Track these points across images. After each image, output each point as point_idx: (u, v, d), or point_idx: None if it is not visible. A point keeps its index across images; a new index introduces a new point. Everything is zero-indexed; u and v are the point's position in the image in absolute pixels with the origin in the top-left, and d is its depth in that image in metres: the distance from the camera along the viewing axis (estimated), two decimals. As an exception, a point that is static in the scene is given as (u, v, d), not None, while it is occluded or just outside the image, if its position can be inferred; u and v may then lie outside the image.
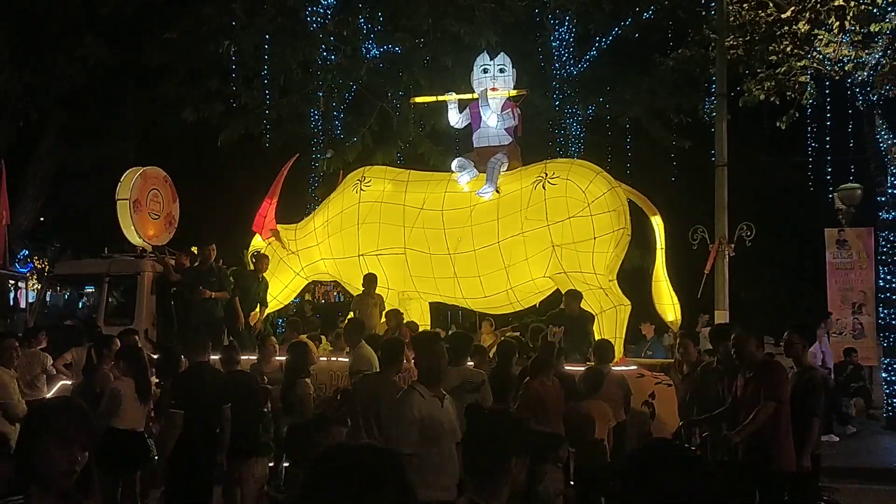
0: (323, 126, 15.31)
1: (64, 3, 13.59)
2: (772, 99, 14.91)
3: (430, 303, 11.25)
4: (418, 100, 11.79)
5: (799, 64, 13.84)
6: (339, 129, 14.06)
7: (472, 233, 10.21)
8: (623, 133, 15.99)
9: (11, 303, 14.62)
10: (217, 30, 12.38)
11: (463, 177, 10.57)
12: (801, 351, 6.46)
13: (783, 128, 15.60)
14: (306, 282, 11.74)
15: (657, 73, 14.62)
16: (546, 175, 10.19)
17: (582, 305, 9.62)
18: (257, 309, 11.03)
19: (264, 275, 11.00)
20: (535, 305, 11.48)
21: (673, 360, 9.06)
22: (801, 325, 7.16)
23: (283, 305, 12.05)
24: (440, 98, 11.24)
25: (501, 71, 10.91)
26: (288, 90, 15.11)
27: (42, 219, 19.12)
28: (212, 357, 8.06)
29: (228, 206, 18.40)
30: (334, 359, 9.31)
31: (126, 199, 11.65)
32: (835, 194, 15.96)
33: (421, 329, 10.93)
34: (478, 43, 12.02)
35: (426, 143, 14.32)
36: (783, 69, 13.92)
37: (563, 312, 9.71)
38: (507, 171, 10.58)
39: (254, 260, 11.34)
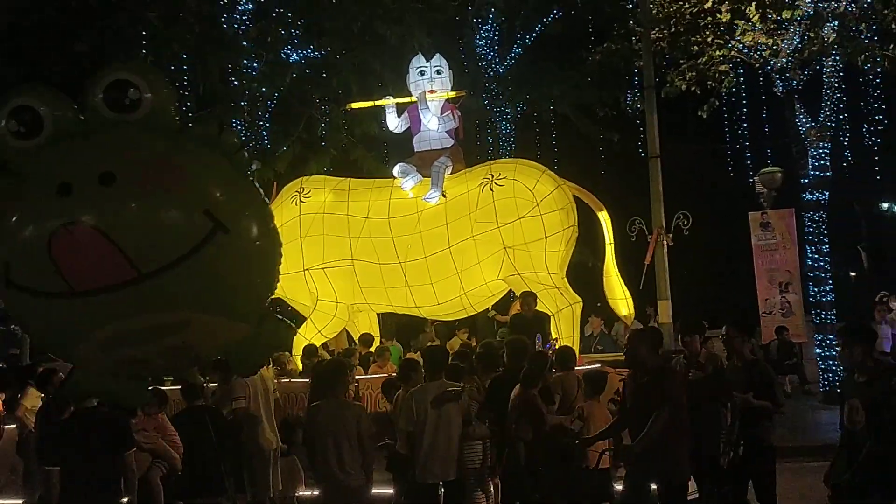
0: (247, 137, 14.71)
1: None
2: (692, 89, 15.24)
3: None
4: (355, 105, 11.43)
5: (718, 53, 14.18)
6: (267, 140, 13.51)
7: (422, 239, 9.96)
8: (551, 129, 16.03)
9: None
10: (132, 39, 11.66)
11: (407, 182, 10.30)
12: (741, 344, 6.55)
13: (704, 117, 16.00)
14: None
15: (583, 67, 14.69)
16: (492, 176, 10.04)
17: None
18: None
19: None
20: (487, 309, 11.34)
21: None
22: (738, 317, 7.33)
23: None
24: (377, 102, 10.93)
25: (438, 72, 10.70)
26: (208, 101, 14.45)
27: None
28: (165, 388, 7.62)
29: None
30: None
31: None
32: (756, 178, 16.48)
33: (370, 338, 10.67)
34: (409, 45, 11.77)
35: (359, 149, 13.95)
36: (704, 59, 14.22)
37: (519, 315, 9.60)
38: (451, 174, 10.38)
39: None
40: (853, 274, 30.35)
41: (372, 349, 10.35)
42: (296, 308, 10.83)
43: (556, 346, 8.65)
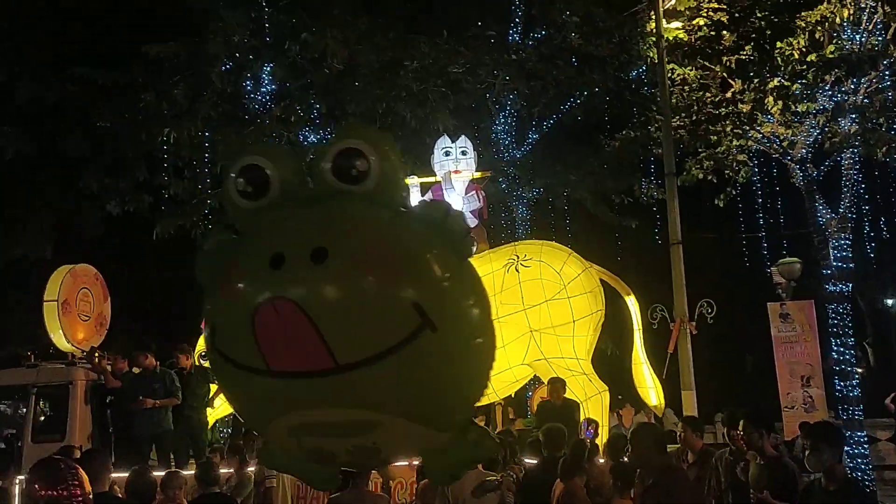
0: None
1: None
2: (709, 177, 15.25)
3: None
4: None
5: (736, 143, 14.23)
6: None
7: (444, 321, 9.62)
8: (568, 214, 15.94)
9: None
10: (154, 116, 11.68)
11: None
12: (760, 440, 6.16)
13: (721, 205, 15.96)
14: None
15: (601, 154, 14.72)
16: (518, 257, 9.81)
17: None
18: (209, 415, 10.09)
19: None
20: (511, 395, 10.92)
21: (674, 448, 8.59)
22: (752, 410, 6.94)
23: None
24: (401, 182, 10.80)
25: (463, 153, 10.65)
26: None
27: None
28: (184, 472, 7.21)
29: (162, 304, 17.29)
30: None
31: (54, 301, 10.56)
32: (773, 269, 16.28)
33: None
34: (428, 127, 11.80)
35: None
36: (722, 148, 14.26)
37: (546, 402, 9.19)
38: (475, 254, 10.15)
39: (203, 360, 10.41)
40: (860, 371, 29.82)
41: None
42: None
43: (596, 432, 8.20)
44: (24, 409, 10.19)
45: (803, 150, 13.60)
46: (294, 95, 12.50)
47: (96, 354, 10.07)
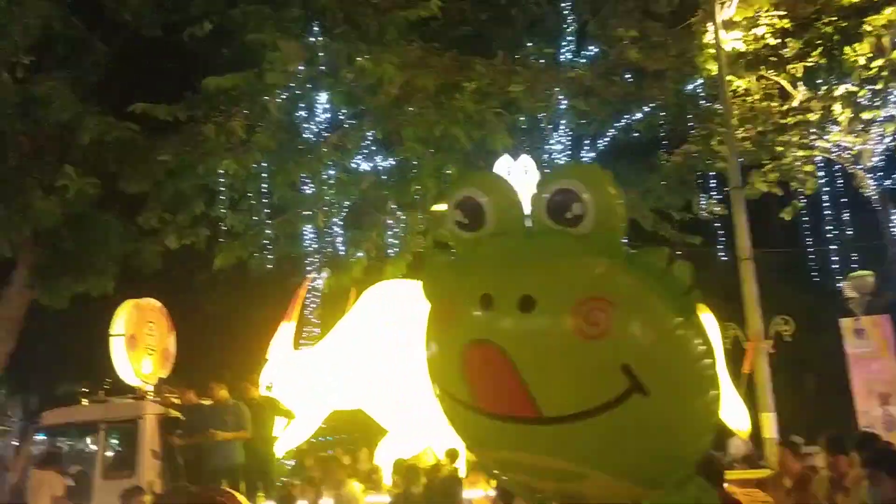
0: (318, 244, 14.61)
1: (39, 134, 12.84)
2: (773, 190, 14.81)
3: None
4: (437, 207, 11.21)
5: (801, 154, 13.80)
6: (342, 246, 13.32)
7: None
8: (626, 234, 15.58)
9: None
10: (213, 149, 11.76)
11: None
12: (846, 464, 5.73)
13: (787, 218, 15.47)
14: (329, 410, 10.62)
15: (662, 170, 14.39)
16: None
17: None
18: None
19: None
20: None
21: (769, 473, 8.17)
22: (834, 435, 6.55)
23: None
24: (461, 205, 10.62)
25: (525, 173, 10.42)
26: (280, 210, 14.46)
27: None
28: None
29: (224, 336, 17.33)
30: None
31: (121, 335, 10.58)
32: (845, 283, 15.67)
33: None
34: (483, 148, 11.69)
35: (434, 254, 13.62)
36: (788, 159, 13.83)
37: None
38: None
39: (269, 391, 10.30)
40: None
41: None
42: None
43: None
44: (94, 446, 10.18)
45: (874, 159, 13.13)
46: (349, 123, 12.48)
47: (164, 387, 10.04)
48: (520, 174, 10.36)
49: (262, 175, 12.70)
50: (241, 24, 11.69)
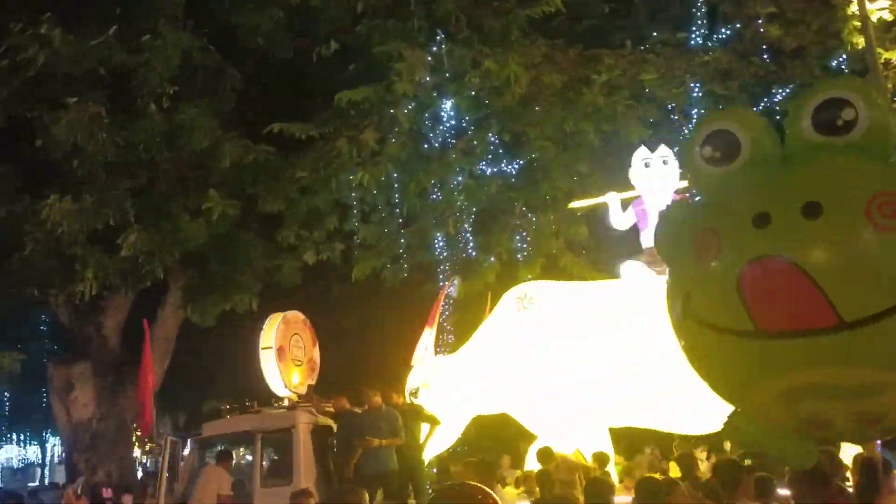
0: (448, 252, 14.65)
1: (182, 161, 13.53)
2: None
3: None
4: (575, 205, 11.00)
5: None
6: (473, 251, 13.29)
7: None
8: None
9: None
10: (345, 163, 12.03)
11: (639, 280, 9.49)
12: None
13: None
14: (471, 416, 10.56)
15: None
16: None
17: None
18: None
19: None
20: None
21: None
22: None
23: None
24: (599, 200, 10.38)
25: (665, 163, 10.05)
26: (410, 220, 14.62)
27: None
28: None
29: (360, 346, 17.75)
30: None
31: (270, 348, 10.93)
32: None
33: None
34: (623, 141, 11.34)
35: (567, 255, 13.37)
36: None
37: None
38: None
39: (413, 398, 10.36)
40: None
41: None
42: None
43: None
44: (250, 456, 10.53)
45: None
46: (476, 127, 12.45)
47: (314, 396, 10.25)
48: (658, 165, 9.99)
49: (394, 185, 12.84)
50: (366, 39, 11.89)
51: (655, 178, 9.91)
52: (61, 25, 10.79)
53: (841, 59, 13.43)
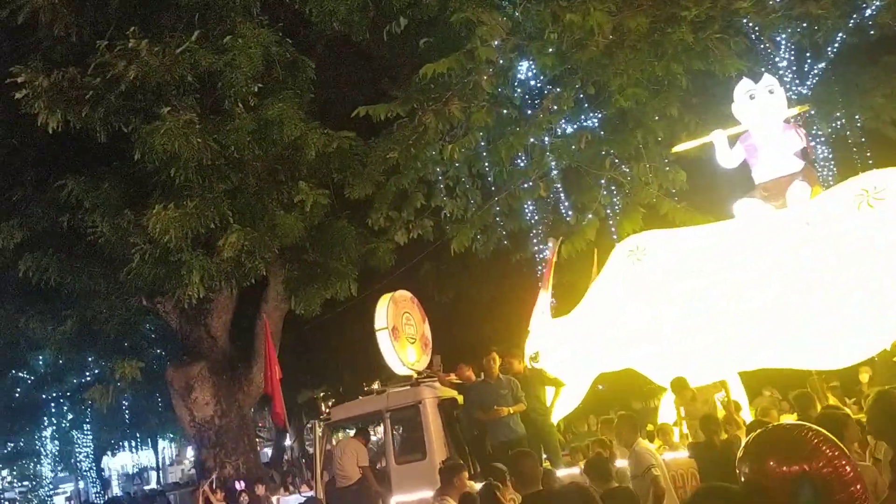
0: (539, 216, 14.49)
1: (271, 156, 13.69)
2: None
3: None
4: (679, 148, 10.66)
5: None
6: (569, 212, 13.07)
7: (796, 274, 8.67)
8: (868, 147, 14.00)
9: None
10: (432, 138, 11.95)
11: (759, 216, 9.14)
12: None
13: None
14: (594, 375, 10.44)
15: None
16: (867, 192, 8.58)
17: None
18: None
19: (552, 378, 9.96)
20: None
21: None
22: None
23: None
24: (704, 140, 10.02)
25: (770, 92, 9.61)
26: (497, 189, 14.47)
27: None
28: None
29: (457, 319, 17.85)
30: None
31: (385, 328, 11.03)
32: None
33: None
34: (722, 76, 10.91)
35: (666, 202, 13.01)
36: None
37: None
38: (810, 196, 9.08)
39: (533, 363, 10.32)
40: None
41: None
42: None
43: None
44: (381, 435, 10.69)
45: None
46: (560, 84, 12.18)
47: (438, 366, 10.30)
48: (764, 95, 9.56)
49: (482, 155, 12.71)
50: (438, 10, 11.72)
51: (762, 110, 9.48)
52: (146, 37, 11.00)
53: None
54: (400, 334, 11.28)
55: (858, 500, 2.36)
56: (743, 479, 2.45)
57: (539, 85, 12.84)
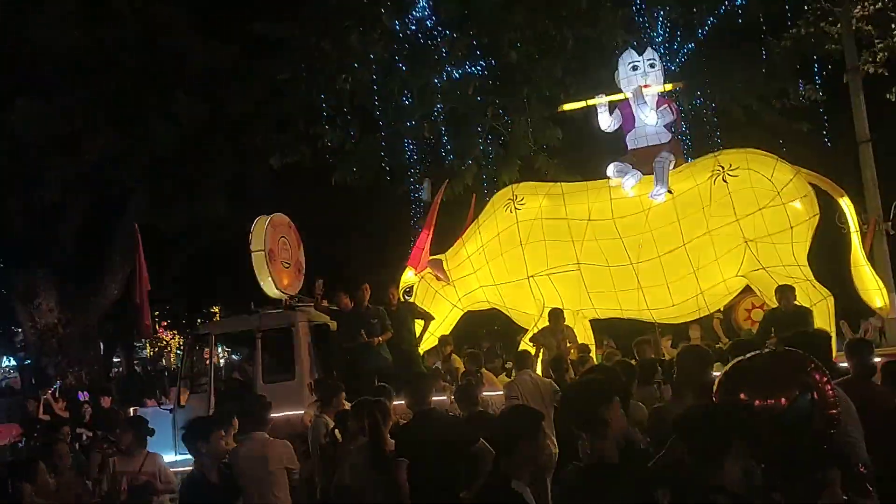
0: (418, 156, 14.81)
1: (154, 62, 13.07)
2: (881, 71, 14.36)
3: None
4: (566, 107, 11.27)
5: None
6: (450, 155, 13.49)
7: (654, 238, 9.60)
8: (731, 124, 15.33)
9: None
10: (325, 65, 11.91)
11: (628, 181, 9.98)
12: None
13: (893, 99, 15.05)
14: (462, 313, 11.04)
15: (771, 55, 14.04)
16: (723, 168, 9.59)
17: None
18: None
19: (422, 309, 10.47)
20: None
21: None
22: None
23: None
24: (590, 102, 10.70)
25: (652, 66, 10.40)
26: (381, 125, 14.59)
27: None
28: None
29: (334, 249, 17.95)
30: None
31: (261, 251, 11.02)
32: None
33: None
34: (607, 45, 11.56)
35: (541, 157, 13.72)
36: (903, 37, 13.36)
37: (776, 311, 8.99)
38: (673, 168, 9.99)
39: (406, 296, 10.77)
40: None
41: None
42: (518, 317, 10.64)
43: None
44: (250, 354, 10.82)
45: None
46: (458, 29, 12.42)
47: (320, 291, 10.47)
48: (646, 68, 10.31)
49: (372, 88, 12.79)
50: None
51: (642, 81, 10.24)
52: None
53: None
54: (276, 257, 11.32)
55: (836, 420, 3.01)
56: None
57: (436, 28, 13.00)
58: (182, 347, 21.27)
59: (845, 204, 9.79)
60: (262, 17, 12.44)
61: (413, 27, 12.47)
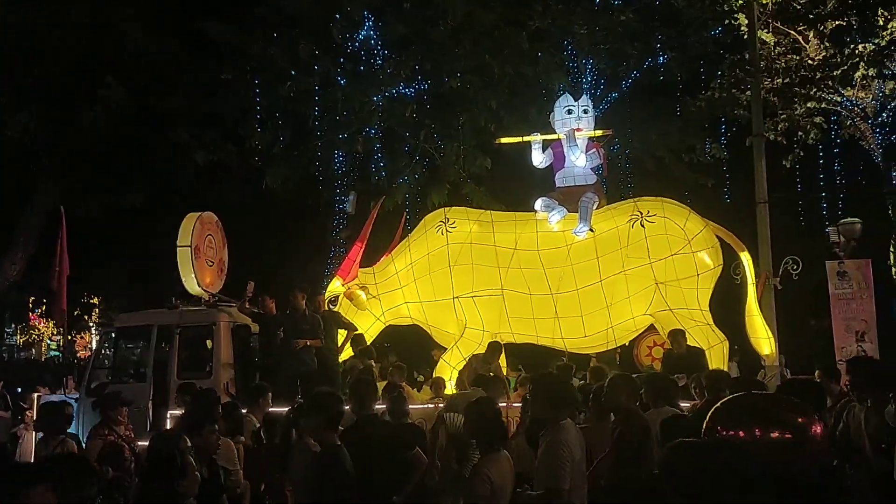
0: (347, 168, 15.07)
1: (91, 44, 12.82)
2: (777, 139, 15.77)
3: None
4: (503, 140, 11.79)
5: (814, 105, 14.76)
6: (383, 171, 13.82)
7: (573, 272, 10.21)
8: (642, 172, 16.38)
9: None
10: (275, 70, 12.03)
11: (554, 216, 10.58)
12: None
13: (789, 166, 16.51)
14: (383, 326, 11.32)
15: (686, 113, 15.16)
16: (641, 213, 10.35)
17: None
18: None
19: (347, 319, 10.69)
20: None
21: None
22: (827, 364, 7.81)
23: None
24: (526, 138, 11.27)
25: (585, 112, 11.09)
26: (315, 135, 14.77)
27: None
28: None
29: (262, 250, 17.80)
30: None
31: (187, 246, 11.00)
32: (831, 228, 16.86)
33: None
34: (548, 86, 12.23)
35: (468, 184, 14.25)
36: (801, 111, 14.77)
37: (671, 353, 9.77)
38: (596, 209, 10.68)
39: (331, 305, 10.96)
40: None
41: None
42: (438, 335, 11.01)
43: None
44: (167, 349, 10.71)
45: (883, 115, 14.16)
46: (403, 51, 12.81)
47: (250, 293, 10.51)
48: (579, 113, 11.00)
49: (315, 98, 12.97)
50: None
51: (575, 125, 10.92)
52: None
53: (717, 32, 15.09)
54: (201, 255, 11.31)
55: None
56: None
57: (383, 48, 13.35)
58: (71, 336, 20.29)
59: (745, 258, 10.73)
60: (215, 16, 12.44)
61: (358, 44, 12.77)
